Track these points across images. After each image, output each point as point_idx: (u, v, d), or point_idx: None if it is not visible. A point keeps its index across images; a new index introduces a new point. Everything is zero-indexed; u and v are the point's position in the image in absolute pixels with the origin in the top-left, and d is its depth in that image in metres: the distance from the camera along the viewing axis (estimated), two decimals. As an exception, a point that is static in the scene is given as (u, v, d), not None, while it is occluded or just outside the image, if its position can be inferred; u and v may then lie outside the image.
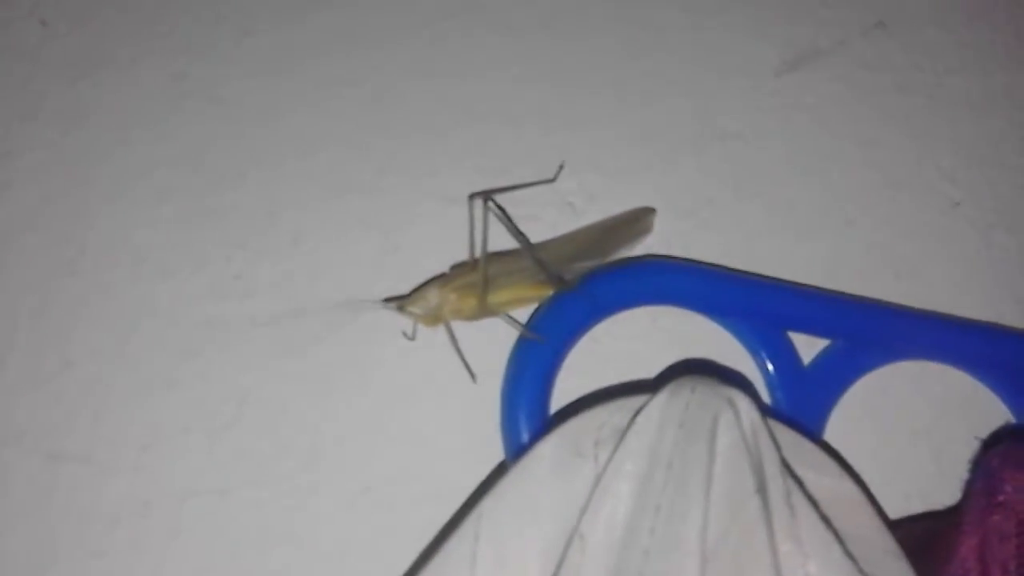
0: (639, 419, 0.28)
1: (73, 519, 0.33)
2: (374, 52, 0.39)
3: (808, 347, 0.35)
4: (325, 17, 0.39)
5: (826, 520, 0.27)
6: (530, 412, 0.33)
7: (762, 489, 0.26)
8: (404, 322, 0.35)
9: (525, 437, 0.33)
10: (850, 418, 0.35)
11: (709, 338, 0.36)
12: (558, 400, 0.34)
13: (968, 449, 0.35)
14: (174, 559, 0.33)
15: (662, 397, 0.28)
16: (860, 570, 0.26)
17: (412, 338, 0.35)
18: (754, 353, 0.35)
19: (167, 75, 0.38)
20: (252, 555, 0.33)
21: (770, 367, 0.35)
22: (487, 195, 0.35)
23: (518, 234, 0.35)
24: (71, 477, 0.34)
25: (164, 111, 0.38)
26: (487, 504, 0.28)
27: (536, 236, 0.36)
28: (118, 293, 0.36)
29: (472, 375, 0.35)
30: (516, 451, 0.32)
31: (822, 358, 0.35)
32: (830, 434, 0.35)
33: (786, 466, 0.28)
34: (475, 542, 0.27)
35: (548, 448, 0.29)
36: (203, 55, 0.39)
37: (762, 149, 0.39)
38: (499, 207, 0.35)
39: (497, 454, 0.34)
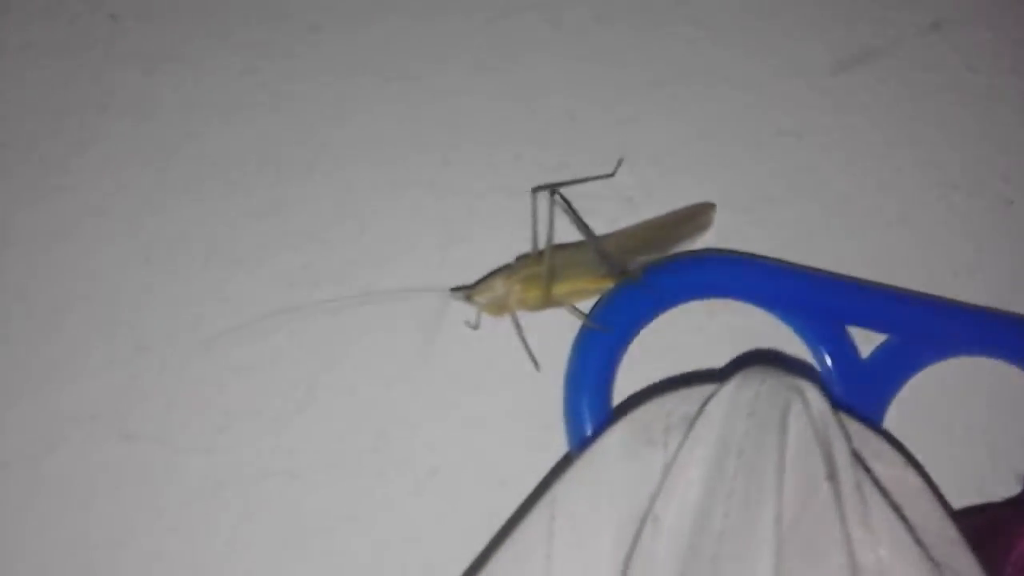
0: (709, 407, 0.29)
1: (147, 498, 0.34)
2: (436, 50, 0.40)
3: (866, 342, 0.36)
4: (390, 14, 0.40)
5: (895, 508, 0.27)
6: (593, 401, 0.34)
7: (833, 476, 0.27)
8: (468, 312, 0.36)
9: (588, 425, 0.33)
10: (907, 412, 0.36)
11: (767, 332, 0.36)
12: (619, 390, 0.35)
13: (1022, 444, 0.36)
14: (246, 538, 0.34)
15: (731, 386, 0.29)
16: (929, 556, 0.27)
17: (476, 327, 0.36)
18: (813, 347, 0.36)
19: (236, 69, 0.39)
20: (321, 535, 0.34)
21: (829, 361, 0.35)
22: (553, 188, 0.36)
23: (583, 226, 0.36)
24: (145, 458, 0.35)
25: (233, 105, 0.39)
26: (561, 487, 0.28)
27: (596, 230, 0.37)
28: (189, 281, 0.37)
29: (536, 364, 0.35)
30: (579, 438, 0.33)
31: (880, 352, 0.36)
32: (887, 427, 0.35)
33: (855, 455, 0.28)
34: (551, 522, 0.28)
35: (618, 435, 0.29)
36: (271, 50, 0.39)
37: (817, 147, 0.40)
38: (565, 200, 0.36)
39: (558, 442, 0.34)
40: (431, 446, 0.35)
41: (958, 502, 0.34)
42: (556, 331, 0.35)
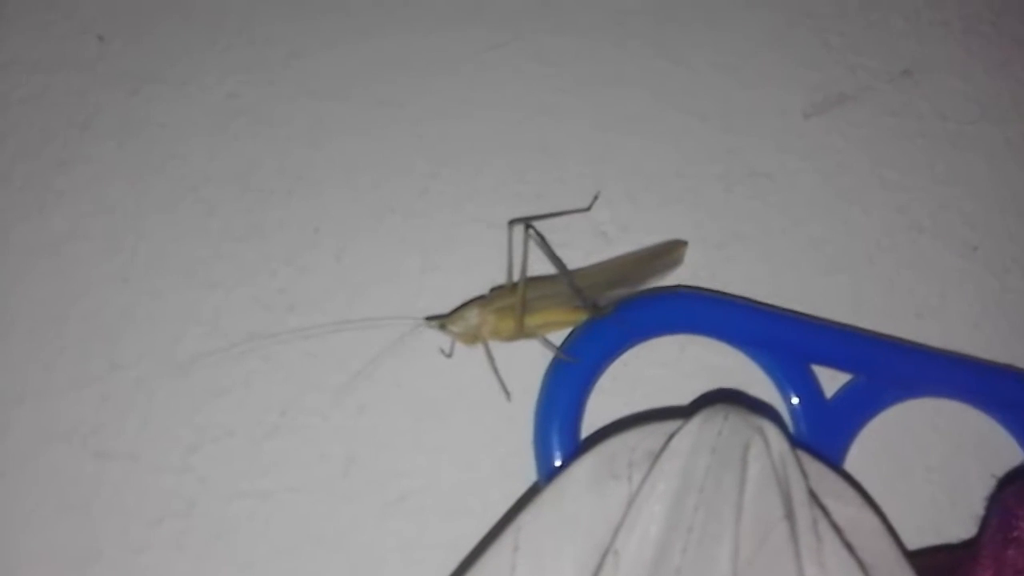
0: (673, 443, 0.29)
1: (118, 516, 0.34)
2: (419, 78, 0.40)
3: (831, 381, 0.37)
4: (372, 43, 0.41)
5: (849, 547, 0.28)
6: (562, 430, 0.34)
7: (790, 515, 0.28)
8: (442, 340, 0.36)
9: (557, 455, 0.34)
10: (869, 451, 0.36)
11: (734, 368, 0.37)
12: (588, 421, 0.35)
13: (981, 486, 0.36)
14: (215, 558, 0.34)
15: (696, 423, 0.29)
16: (881, 596, 0.27)
17: (449, 355, 0.36)
18: (778, 384, 0.36)
19: (219, 94, 0.40)
20: (289, 556, 0.34)
21: (794, 399, 0.36)
22: (528, 221, 0.36)
23: (556, 261, 0.36)
24: (117, 475, 0.35)
25: (215, 128, 0.39)
26: (525, 518, 0.29)
27: (570, 263, 0.38)
28: (166, 301, 0.37)
29: (507, 393, 0.36)
30: (548, 467, 0.34)
31: (844, 392, 0.37)
32: (849, 466, 0.36)
33: (812, 495, 0.29)
34: (514, 553, 0.28)
35: (584, 467, 0.30)
36: (253, 75, 0.40)
37: (789, 188, 0.41)
38: (539, 234, 0.36)
39: (527, 472, 0.35)
40: (400, 472, 0.36)
41: (917, 542, 0.35)
42: (528, 362, 0.36)
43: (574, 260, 0.38)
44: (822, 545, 0.28)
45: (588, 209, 0.39)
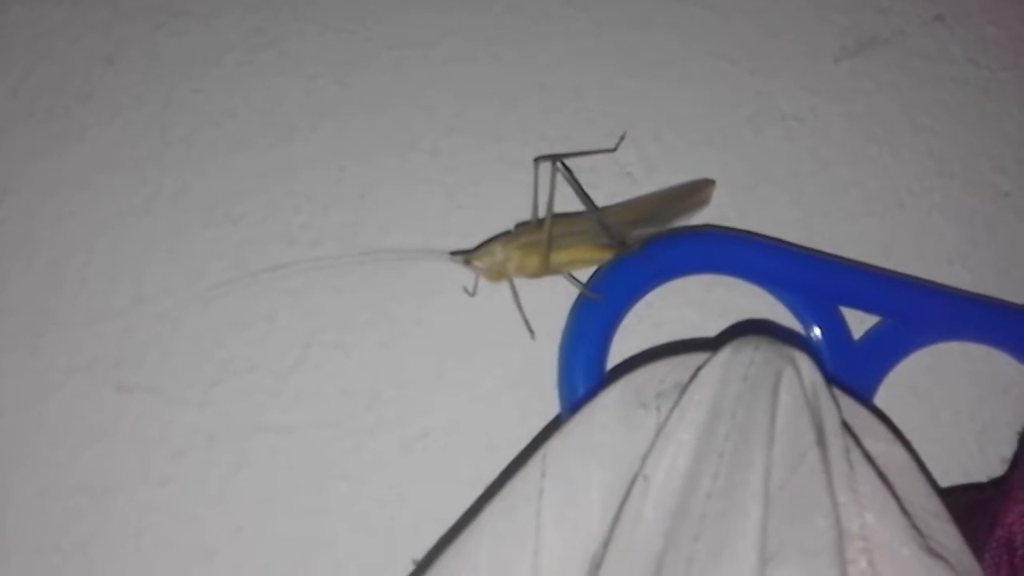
0: (703, 372, 0.29)
1: (139, 448, 0.34)
2: (447, 16, 0.40)
3: (859, 323, 0.36)
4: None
5: (883, 477, 0.28)
6: (587, 368, 0.34)
7: (822, 443, 0.27)
8: (467, 278, 0.36)
9: (581, 392, 0.34)
10: (896, 394, 0.36)
11: (762, 309, 0.37)
12: (613, 360, 0.35)
13: (1010, 429, 0.36)
14: (235, 491, 0.34)
15: (726, 353, 0.29)
16: (914, 525, 0.27)
17: (473, 294, 0.36)
18: (806, 326, 0.36)
19: (245, 29, 0.39)
20: (311, 492, 0.34)
21: (821, 340, 0.36)
22: (555, 158, 0.36)
23: (584, 197, 0.36)
24: (139, 408, 0.35)
25: (241, 63, 0.39)
26: (553, 445, 0.29)
27: (597, 203, 0.37)
28: (190, 235, 0.37)
29: (531, 332, 0.36)
30: (572, 405, 0.33)
31: (872, 334, 0.36)
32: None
33: (845, 426, 0.29)
34: (542, 479, 0.28)
35: (612, 397, 0.30)
36: (280, 11, 0.40)
37: (819, 131, 0.40)
38: (567, 168, 0.36)
39: (550, 409, 0.35)
40: (424, 409, 0.36)
41: (944, 482, 0.35)
42: (553, 300, 0.36)
43: (600, 200, 0.38)
44: (854, 472, 0.27)
45: (614, 150, 0.39)
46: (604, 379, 0.34)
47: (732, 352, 0.29)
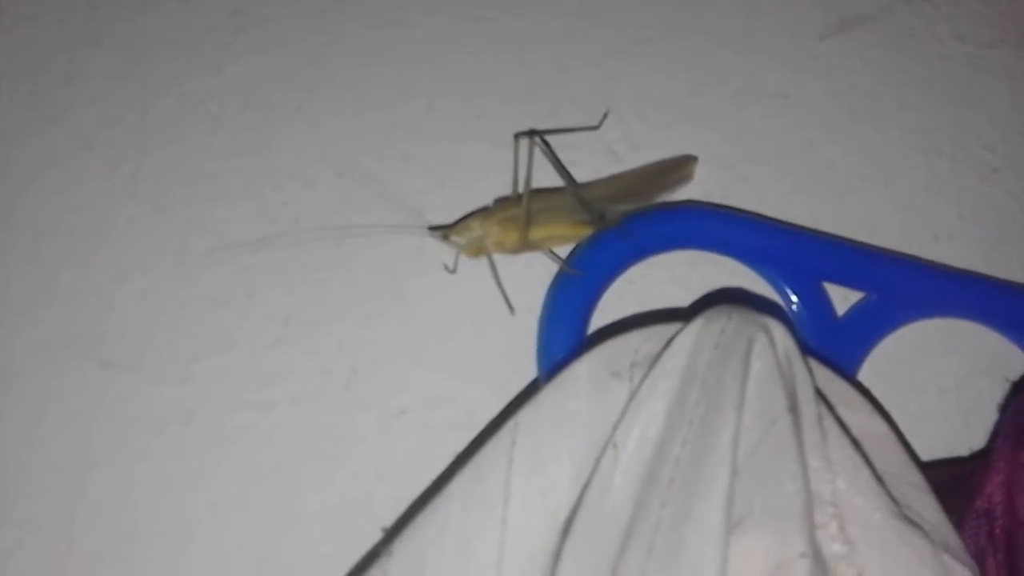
0: (676, 342, 0.29)
1: (120, 424, 0.34)
2: (426, -2, 0.40)
3: (843, 299, 0.36)
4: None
5: (857, 445, 0.27)
6: (566, 344, 0.34)
7: (794, 409, 0.27)
8: (446, 255, 0.36)
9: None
10: (880, 371, 0.36)
11: (745, 285, 0.36)
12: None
13: (996, 405, 0.36)
14: (215, 467, 0.34)
15: (699, 322, 0.29)
16: (888, 493, 0.27)
17: (453, 271, 0.36)
18: (789, 302, 0.36)
19: (226, 10, 0.39)
20: (290, 468, 0.34)
21: (804, 316, 0.35)
22: (534, 133, 0.36)
23: (563, 171, 0.36)
24: (120, 384, 0.35)
25: (222, 44, 0.39)
26: (524, 414, 0.28)
27: (581, 180, 0.37)
28: (171, 214, 0.37)
29: (511, 307, 0.35)
30: (550, 377, 0.33)
31: (856, 310, 0.36)
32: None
33: (819, 394, 0.28)
34: (511, 447, 0.28)
35: (585, 366, 0.29)
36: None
37: (803, 108, 0.40)
38: (545, 143, 0.36)
39: (529, 386, 0.35)
40: (402, 386, 0.35)
41: (928, 457, 0.34)
42: (532, 276, 0.36)
43: (583, 178, 0.38)
44: (827, 439, 0.27)
45: (597, 127, 0.38)
46: (582, 348, 0.33)
47: (705, 321, 0.29)
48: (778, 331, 0.29)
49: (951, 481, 0.31)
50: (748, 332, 0.28)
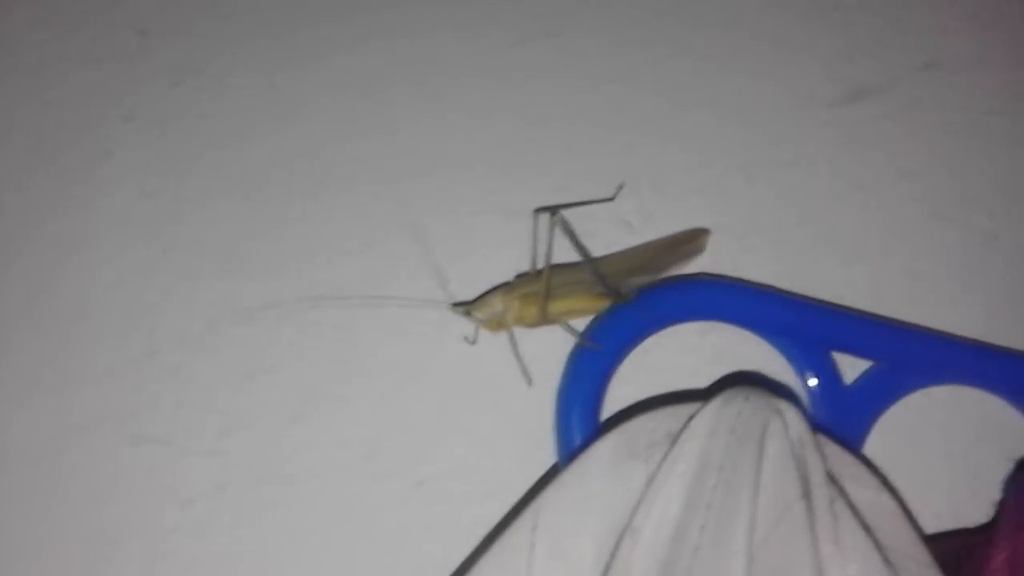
0: (693, 423, 0.30)
1: (152, 498, 0.36)
2: (445, 77, 0.41)
3: (851, 368, 0.37)
4: (403, 42, 0.42)
5: (866, 528, 0.29)
6: (583, 415, 0.35)
7: (807, 495, 0.28)
8: (466, 328, 0.37)
9: (577, 439, 0.34)
10: (888, 438, 0.37)
11: (755, 354, 0.37)
12: (609, 407, 0.36)
13: (1000, 472, 0.37)
14: (243, 539, 0.35)
15: (716, 404, 0.30)
16: (896, 574, 0.28)
17: (473, 342, 0.37)
18: (798, 370, 0.37)
19: (257, 86, 0.41)
20: (314, 539, 0.36)
21: (813, 385, 0.36)
22: (554, 209, 0.37)
23: (580, 248, 0.37)
24: (151, 459, 0.36)
25: (253, 120, 0.40)
26: (545, 498, 0.30)
27: (594, 252, 0.38)
28: (204, 288, 0.38)
29: (529, 379, 0.37)
30: (568, 451, 0.34)
31: (864, 379, 0.37)
32: (868, 453, 0.36)
33: (830, 476, 0.30)
34: (533, 532, 0.29)
35: (604, 448, 0.31)
36: (290, 69, 0.41)
37: (809, 178, 0.41)
38: (565, 220, 0.37)
39: (548, 456, 0.36)
40: (421, 457, 0.37)
41: (935, 527, 0.35)
42: (550, 349, 0.37)
43: (598, 249, 0.39)
44: (838, 524, 0.28)
45: (612, 199, 0.40)
46: (600, 428, 0.35)
47: (722, 403, 0.30)
48: (791, 414, 0.30)
49: (957, 554, 0.32)
50: (763, 415, 0.30)
